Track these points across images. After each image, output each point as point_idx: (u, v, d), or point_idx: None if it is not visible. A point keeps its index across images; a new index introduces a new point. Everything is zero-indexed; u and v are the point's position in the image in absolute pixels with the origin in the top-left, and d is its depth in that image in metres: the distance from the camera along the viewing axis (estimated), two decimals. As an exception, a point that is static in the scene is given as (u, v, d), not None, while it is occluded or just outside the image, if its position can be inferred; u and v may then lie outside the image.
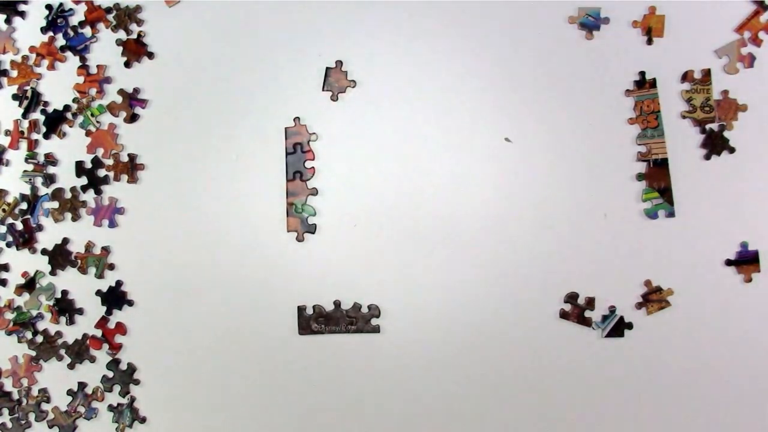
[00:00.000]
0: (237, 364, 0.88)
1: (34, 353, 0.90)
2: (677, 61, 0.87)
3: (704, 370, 0.85)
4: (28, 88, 0.92)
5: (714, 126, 0.86)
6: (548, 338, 0.86)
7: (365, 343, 0.87)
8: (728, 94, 0.86)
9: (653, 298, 0.85)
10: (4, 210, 0.91)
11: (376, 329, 0.86)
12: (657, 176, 0.86)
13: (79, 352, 0.90)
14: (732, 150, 0.85)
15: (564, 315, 0.85)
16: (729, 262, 0.85)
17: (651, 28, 0.87)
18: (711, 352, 0.85)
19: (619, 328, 0.85)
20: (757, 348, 0.84)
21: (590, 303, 0.85)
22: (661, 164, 0.86)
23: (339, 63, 0.89)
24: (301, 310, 0.87)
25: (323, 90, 0.89)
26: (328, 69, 0.89)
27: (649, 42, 0.87)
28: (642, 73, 0.87)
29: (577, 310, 0.85)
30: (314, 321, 0.87)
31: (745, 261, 0.85)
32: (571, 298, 0.85)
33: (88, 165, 0.91)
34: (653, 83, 0.87)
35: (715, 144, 0.86)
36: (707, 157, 0.86)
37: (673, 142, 0.86)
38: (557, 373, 0.86)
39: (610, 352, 0.85)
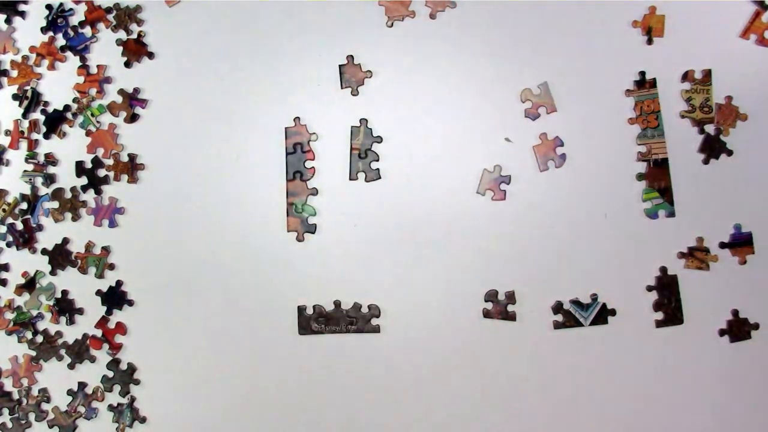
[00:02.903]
0: (237, 364, 0.88)
1: (34, 353, 0.90)
2: (677, 61, 0.87)
3: (705, 367, 0.85)
4: (28, 88, 0.92)
5: (711, 130, 0.85)
6: (548, 337, 0.86)
7: (365, 343, 0.87)
8: (731, 100, 0.86)
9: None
10: (4, 210, 0.91)
11: (376, 329, 0.86)
12: (657, 176, 0.86)
13: (79, 352, 0.90)
14: (730, 153, 0.85)
15: (556, 325, 0.86)
16: (723, 245, 0.85)
17: (651, 28, 0.87)
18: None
19: (603, 315, 0.85)
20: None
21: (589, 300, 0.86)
22: (661, 164, 0.86)
23: (350, 58, 0.88)
24: (301, 310, 0.87)
25: (342, 88, 0.88)
26: (341, 66, 0.88)
27: (649, 42, 0.87)
28: (642, 73, 0.87)
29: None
30: (314, 321, 0.87)
31: (740, 243, 0.85)
32: (558, 308, 0.86)
33: (88, 165, 0.91)
34: (653, 83, 0.87)
35: (713, 148, 0.85)
36: (706, 161, 0.86)
37: (673, 142, 0.86)
38: (561, 371, 0.86)
39: (618, 355, 0.85)
